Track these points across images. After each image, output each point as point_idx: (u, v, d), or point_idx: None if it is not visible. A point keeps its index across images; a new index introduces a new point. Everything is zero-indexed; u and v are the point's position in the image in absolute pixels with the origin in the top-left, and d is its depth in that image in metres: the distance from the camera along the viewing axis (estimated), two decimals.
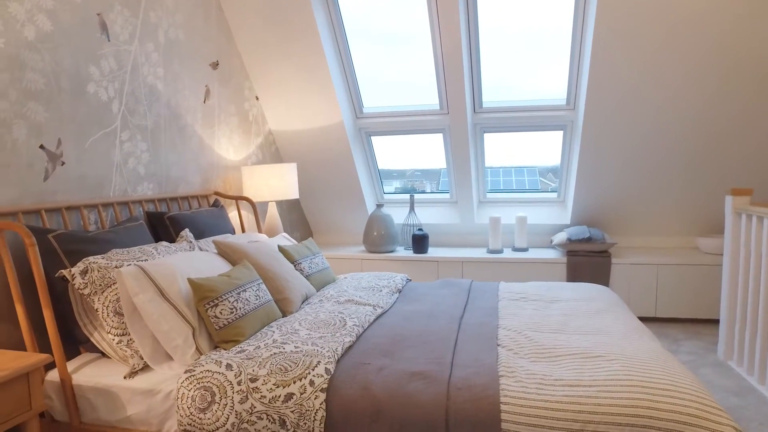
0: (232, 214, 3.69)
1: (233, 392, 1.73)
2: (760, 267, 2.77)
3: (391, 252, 4.36)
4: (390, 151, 4.61)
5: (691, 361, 3.10)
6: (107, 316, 1.97)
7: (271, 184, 3.54)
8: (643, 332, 2.13)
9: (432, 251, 4.37)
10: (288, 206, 4.58)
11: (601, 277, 3.85)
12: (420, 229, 4.33)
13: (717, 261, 3.71)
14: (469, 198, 4.37)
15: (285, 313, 2.42)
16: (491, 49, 3.80)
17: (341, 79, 4.04)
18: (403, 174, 4.97)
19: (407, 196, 4.69)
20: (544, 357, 1.88)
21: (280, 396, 1.70)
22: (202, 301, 2.00)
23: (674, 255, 3.91)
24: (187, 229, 2.70)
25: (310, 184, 4.62)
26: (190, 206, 3.17)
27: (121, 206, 2.67)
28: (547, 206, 4.48)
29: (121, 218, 2.65)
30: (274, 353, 1.86)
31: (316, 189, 4.63)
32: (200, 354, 1.96)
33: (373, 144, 4.49)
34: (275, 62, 3.87)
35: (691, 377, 1.69)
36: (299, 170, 4.54)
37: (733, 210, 3.01)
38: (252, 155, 4.00)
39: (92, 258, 2.06)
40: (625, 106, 3.57)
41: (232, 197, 3.46)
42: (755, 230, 2.78)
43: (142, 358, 1.97)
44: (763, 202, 3.70)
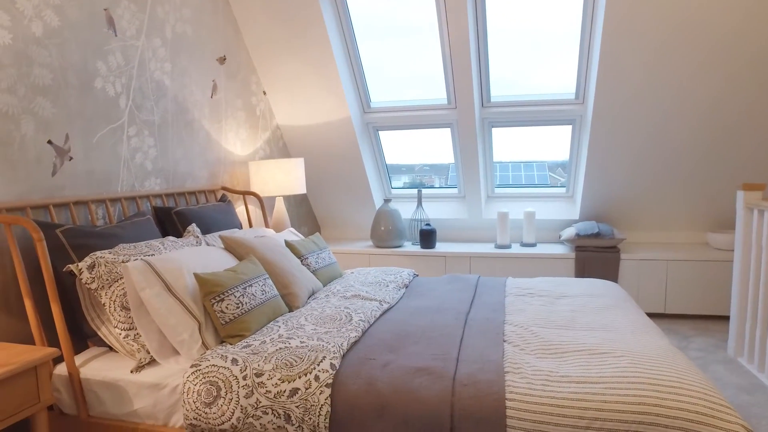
0: (240, 209, 3.70)
1: (239, 387, 1.73)
2: None
3: (398, 247, 4.35)
4: (398, 145, 4.60)
5: (700, 358, 3.07)
6: (114, 310, 1.98)
7: (278, 179, 3.54)
8: (652, 329, 2.11)
9: (440, 246, 4.36)
10: (296, 201, 4.58)
11: (609, 272, 3.82)
12: (428, 224, 4.32)
13: (728, 257, 3.67)
14: (477, 193, 4.35)
15: (291, 308, 2.42)
16: (499, 44, 3.77)
17: (348, 73, 4.02)
18: (412, 169, 4.96)
19: (415, 191, 4.68)
20: (550, 353, 1.87)
21: (285, 391, 1.70)
22: (208, 295, 2.00)
23: (684, 251, 3.87)
24: (194, 224, 2.71)
25: (317, 179, 4.62)
26: (198, 201, 3.18)
27: (128, 201, 2.68)
28: (555, 201, 4.45)
29: (129, 213, 2.66)
30: (280, 348, 1.87)
31: (324, 184, 4.63)
32: (206, 349, 1.97)
33: (380, 139, 4.47)
34: (282, 57, 3.86)
35: (700, 374, 1.67)
36: (307, 165, 4.53)
37: (745, 205, 2.97)
38: (259, 150, 4.00)
39: (99, 253, 2.07)
40: (635, 99, 3.53)
41: (239, 192, 3.47)
42: (767, 226, 2.74)
43: (148, 353, 1.98)
44: None
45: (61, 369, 1.97)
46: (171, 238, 2.46)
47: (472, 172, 4.25)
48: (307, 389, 1.69)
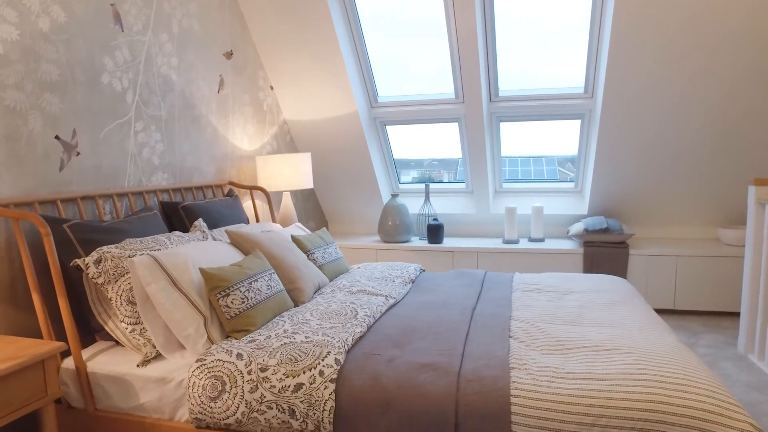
0: (247, 204, 3.70)
1: (243, 382, 1.74)
2: None
3: (405, 242, 4.35)
4: (407, 140, 4.58)
5: (709, 355, 3.04)
6: (120, 305, 2.00)
7: (286, 173, 3.54)
8: (660, 325, 2.09)
9: (447, 241, 4.34)
10: (303, 196, 4.58)
11: (618, 268, 3.79)
12: (435, 219, 4.31)
13: (739, 253, 3.62)
14: (485, 188, 4.33)
15: (297, 302, 2.42)
16: (507, 37, 3.74)
17: (356, 68, 4.01)
18: (421, 163, 4.94)
19: (422, 186, 4.66)
20: (556, 349, 1.85)
21: (289, 386, 1.70)
22: (213, 290, 2.01)
23: (694, 246, 3.83)
24: (200, 219, 2.72)
25: (325, 174, 4.61)
26: (205, 196, 3.19)
27: (135, 196, 2.69)
28: (564, 196, 4.42)
29: (136, 208, 2.67)
30: (285, 343, 1.87)
31: (331, 179, 4.63)
32: (212, 343, 1.97)
33: (388, 133, 4.46)
34: (290, 51, 3.85)
35: (708, 372, 1.65)
36: (314, 160, 4.53)
37: (756, 200, 2.93)
38: (266, 145, 4.01)
39: (106, 247, 2.08)
40: (644, 93, 3.49)
41: (246, 187, 3.47)
42: None
43: (154, 347, 1.99)
44: None
45: (69, 363, 1.98)
46: (177, 232, 2.46)
47: (479, 167, 4.22)
48: (311, 384, 1.69)
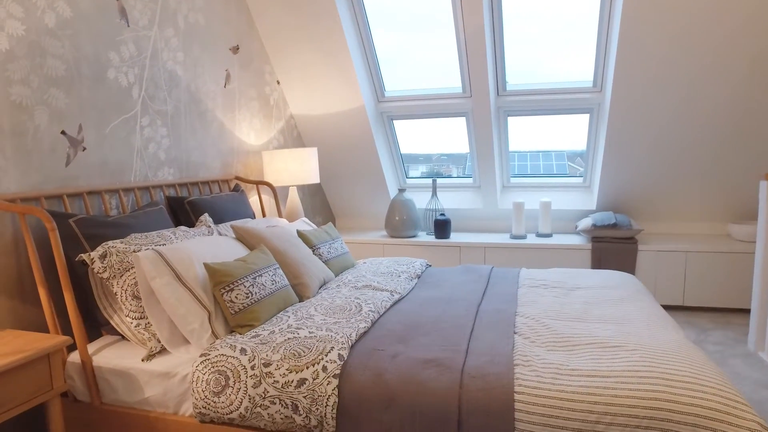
0: (253, 199, 3.71)
1: (247, 377, 1.74)
2: None
3: (413, 237, 4.33)
4: (415, 135, 4.56)
5: (718, 352, 3.01)
6: (126, 299, 2.00)
7: (292, 168, 3.54)
8: (667, 322, 2.07)
9: (454, 236, 4.33)
10: (310, 191, 4.58)
11: (626, 264, 3.76)
12: (442, 214, 4.29)
13: (750, 248, 3.58)
14: (493, 183, 4.30)
15: (302, 298, 2.42)
16: (515, 31, 3.70)
17: (362, 62, 3.99)
18: (430, 158, 4.92)
19: (430, 181, 4.64)
20: (561, 346, 1.84)
21: (292, 381, 1.70)
22: (217, 285, 2.01)
23: (704, 242, 3.79)
24: (206, 214, 2.72)
25: (332, 169, 4.61)
26: (211, 191, 3.20)
27: (141, 191, 2.70)
28: (572, 191, 4.38)
29: (142, 203, 2.68)
30: (288, 338, 1.87)
31: (338, 173, 4.62)
32: (216, 338, 1.98)
33: (395, 128, 4.44)
34: (296, 46, 3.84)
35: (715, 369, 1.63)
36: (321, 155, 4.53)
37: None
38: (273, 140, 4.00)
39: (111, 242, 2.09)
40: (654, 86, 3.44)
41: (252, 182, 3.48)
42: None
43: (159, 342, 1.99)
44: None
45: (75, 357, 2.00)
46: (183, 227, 2.47)
47: (487, 162, 4.20)
48: (314, 380, 1.69)
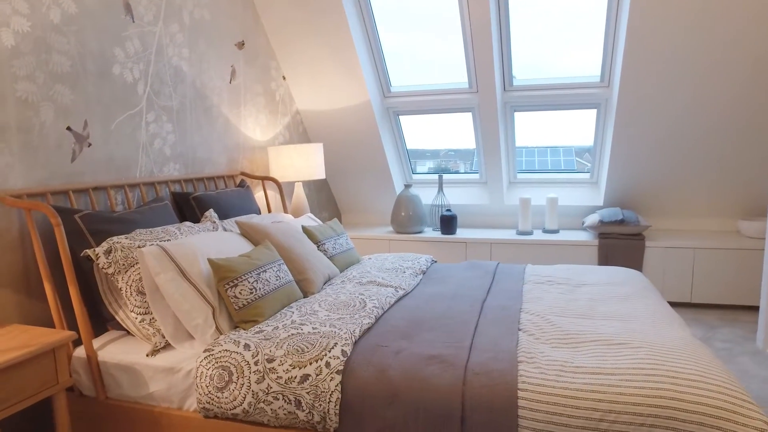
0: (259, 195, 3.71)
1: (250, 372, 1.74)
2: None
3: (418, 233, 4.32)
4: (422, 130, 4.54)
5: (726, 350, 2.98)
6: (130, 295, 2.01)
7: (298, 164, 3.53)
8: (674, 319, 2.05)
9: (460, 232, 4.31)
10: (316, 186, 4.58)
11: (634, 260, 3.73)
12: (448, 210, 4.28)
13: (760, 245, 3.54)
14: (499, 178, 4.28)
15: (306, 293, 2.42)
16: (522, 26, 3.67)
17: (368, 57, 3.98)
18: (437, 154, 4.90)
19: (436, 177, 4.63)
20: (566, 343, 1.82)
21: (296, 377, 1.70)
22: (222, 281, 2.01)
23: (712, 238, 3.75)
24: (211, 210, 2.72)
25: (338, 165, 4.60)
26: (216, 187, 3.20)
27: (147, 187, 2.71)
28: (579, 187, 4.35)
29: (148, 199, 2.69)
30: (292, 334, 1.87)
31: (344, 169, 4.62)
32: (220, 334, 1.98)
33: (401, 123, 4.43)
34: (302, 41, 3.83)
35: (721, 368, 1.61)
36: (327, 150, 4.52)
37: None
38: (279, 135, 4.00)
39: (116, 238, 2.09)
40: (663, 81, 3.40)
41: (258, 177, 3.48)
42: None
43: (164, 337, 2.00)
44: None
45: (80, 352, 2.01)
46: (188, 223, 2.47)
47: (493, 158, 4.18)
48: (317, 376, 1.69)
